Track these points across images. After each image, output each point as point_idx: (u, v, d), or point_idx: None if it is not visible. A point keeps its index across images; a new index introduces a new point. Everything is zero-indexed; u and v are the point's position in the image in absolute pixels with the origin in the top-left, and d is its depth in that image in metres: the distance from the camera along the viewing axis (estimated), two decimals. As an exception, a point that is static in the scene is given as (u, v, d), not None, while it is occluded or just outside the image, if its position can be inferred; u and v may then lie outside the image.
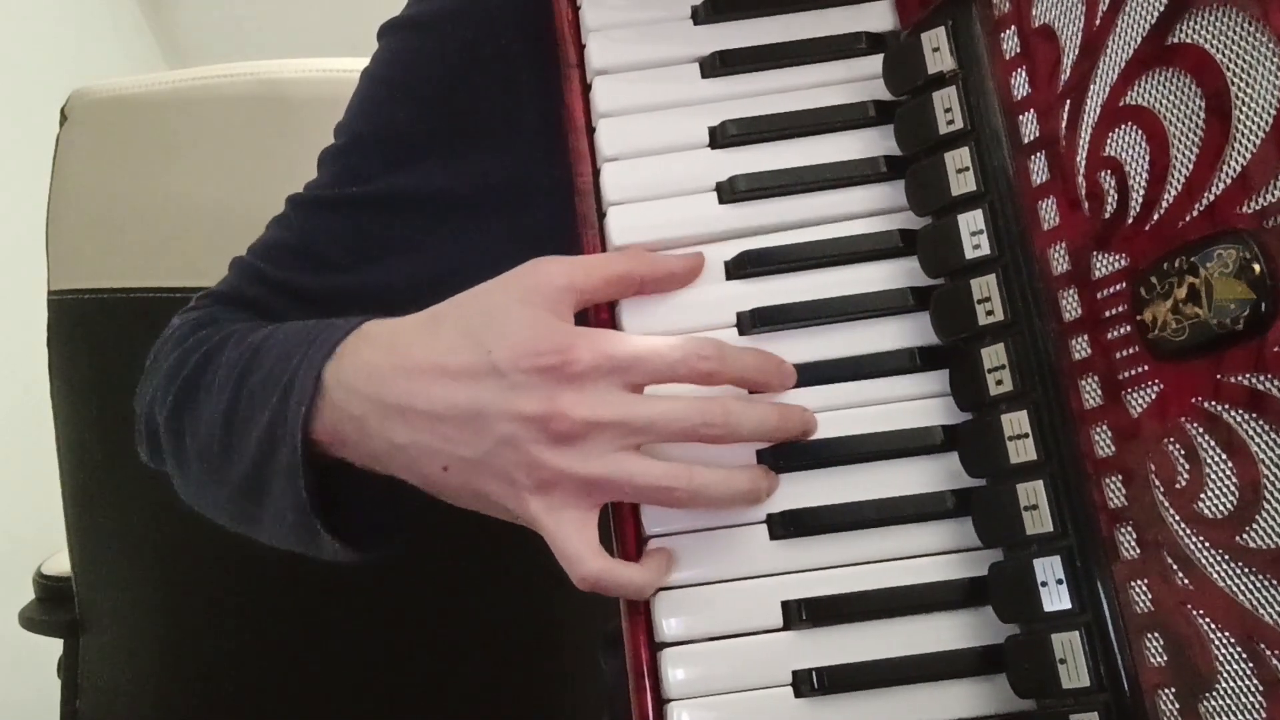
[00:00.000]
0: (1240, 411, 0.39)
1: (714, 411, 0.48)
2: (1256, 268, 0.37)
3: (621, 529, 0.51)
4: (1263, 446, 0.38)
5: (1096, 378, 0.44)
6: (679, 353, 0.48)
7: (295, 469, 0.52)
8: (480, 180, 0.62)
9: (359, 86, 0.65)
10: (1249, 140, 0.38)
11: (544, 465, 0.47)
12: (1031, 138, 0.47)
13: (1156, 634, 0.42)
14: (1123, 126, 0.43)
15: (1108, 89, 0.44)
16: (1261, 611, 0.38)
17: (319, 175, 0.65)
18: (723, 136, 0.55)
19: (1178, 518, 0.41)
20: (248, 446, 0.55)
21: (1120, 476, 0.43)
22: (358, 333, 0.53)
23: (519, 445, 0.47)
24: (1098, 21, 0.44)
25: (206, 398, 0.57)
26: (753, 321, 0.53)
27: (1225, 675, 0.39)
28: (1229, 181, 0.39)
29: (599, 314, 0.54)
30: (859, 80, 0.55)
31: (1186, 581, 0.41)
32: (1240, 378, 0.38)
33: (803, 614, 0.49)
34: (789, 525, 0.50)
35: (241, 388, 0.55)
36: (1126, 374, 0.43)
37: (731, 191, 0.54)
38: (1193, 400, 0.40)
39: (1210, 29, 0.40)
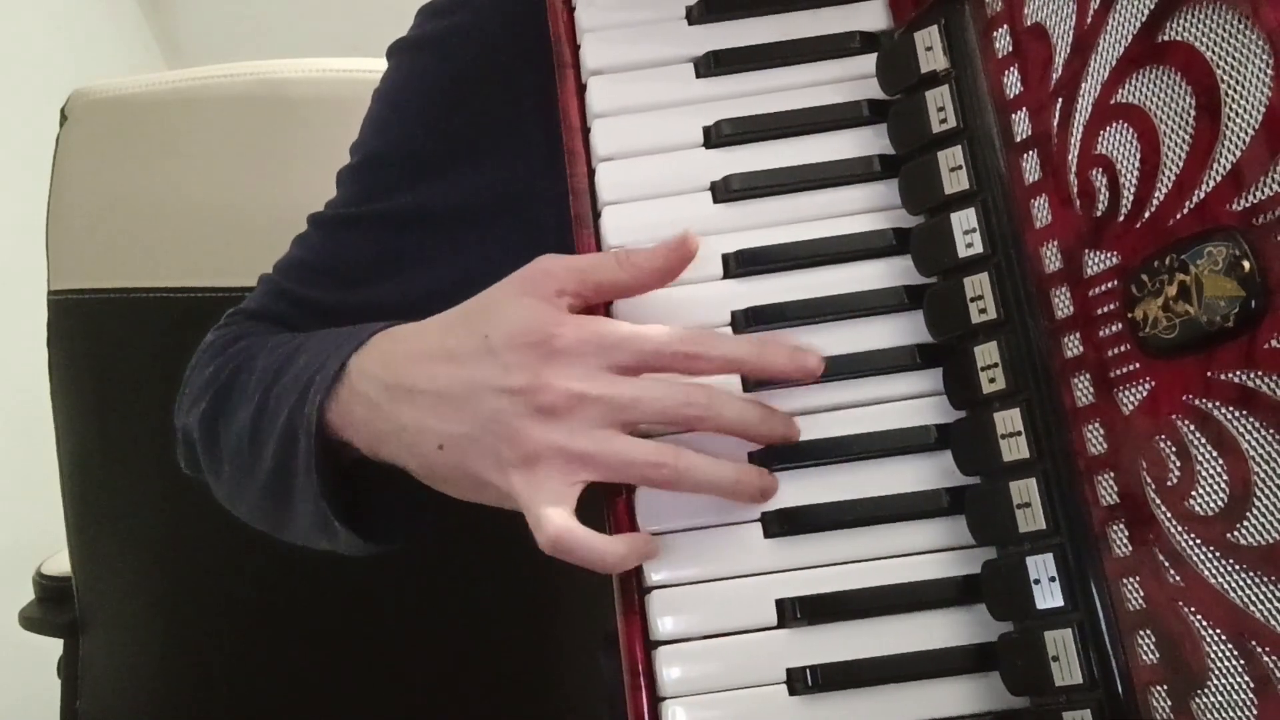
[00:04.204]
0: (1231, 408, 0.39)
1: (697, 394, 0.49)
2: (1246, 265, 0.38)
3: (617, 526, 0.51)
4: (1253, 444, 0.38)
5: (1088, 375, 0.45)
6: (664, 335, 0.49)
7: (310, 449, 0.55)
8: (488, 192, 0.64)
9: (371, 106, 0.68)
10: (1239, 138, 0.38)
11: (529, 439, 0.48)
12: (1024, 136, 0.48)
13: (1149, 631, 0.42)
14: (1114, 124, 0.43)
15: (1099, 87, 0.44)
16: (1253, 609, 0.38)
17: (337, 194, 0.67)
18: (717, 136, 0.55)
19: (1169, 515, 0.41)
20: (273, 438, 0.57)
21: (1112, 474, 0.44)
22: (385, 331, 0.56)
23: (507, 420, 0.49)
24: (1089, 20, 0.44)
25: (240, 400, 0.60)
26: (747, 320, 0.53)
27: (1217, 672, 0.39)
28: (1219, 179, 0.39)
29: (596, 312, 0.54)
30: (852, 79, 0.55)
31: (1178, 578, 0.41)
32: (1230, 375, 0.39)
33: (797, 612, 0.49)
34: (783, 523, 0.50)
35: (271, 389, 0.58)
36: (1118, 371, 0.43)
37: (726, 191, 0.54)
38: (1184, 397, 0.40)
39: (1200, 27, 0.40)
